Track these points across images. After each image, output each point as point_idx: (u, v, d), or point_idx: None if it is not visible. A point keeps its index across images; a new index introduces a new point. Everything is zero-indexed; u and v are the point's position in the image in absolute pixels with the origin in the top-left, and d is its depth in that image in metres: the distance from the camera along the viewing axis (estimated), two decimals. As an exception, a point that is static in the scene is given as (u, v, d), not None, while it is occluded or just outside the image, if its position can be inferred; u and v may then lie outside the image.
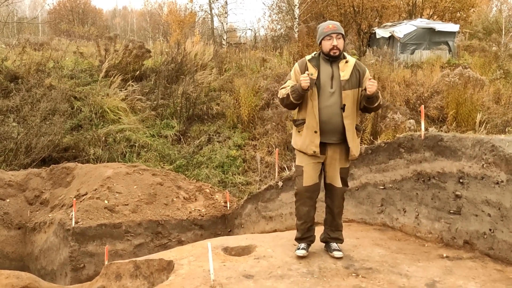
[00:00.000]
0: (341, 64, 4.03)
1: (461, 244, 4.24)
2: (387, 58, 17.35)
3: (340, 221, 4.23)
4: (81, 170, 8.36)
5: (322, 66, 4.06)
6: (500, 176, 3.89)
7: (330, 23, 4.09)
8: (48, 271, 7.23)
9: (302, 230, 4.23)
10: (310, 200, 4.15)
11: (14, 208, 7.99)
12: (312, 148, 4.02)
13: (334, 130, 4.01)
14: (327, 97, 3.99)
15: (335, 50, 3.99)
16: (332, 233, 4.24)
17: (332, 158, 4.08)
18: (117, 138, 11.92)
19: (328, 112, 3.98)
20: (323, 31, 4.05)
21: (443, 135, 4.49)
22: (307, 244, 4.26)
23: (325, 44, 4.02)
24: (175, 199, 7.71)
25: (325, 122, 3.99)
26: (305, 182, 4.10)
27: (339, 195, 4.16)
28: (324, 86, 4.01)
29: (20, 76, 13.55)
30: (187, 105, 13.56)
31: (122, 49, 15.66)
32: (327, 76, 4.02)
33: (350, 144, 4.01)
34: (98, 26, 39.18)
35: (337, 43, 3.97)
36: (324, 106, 3.98)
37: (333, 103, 3.99)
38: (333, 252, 4.16)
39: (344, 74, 4.00)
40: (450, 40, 20.70)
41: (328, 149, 4.06)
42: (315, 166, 4.09)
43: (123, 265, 4.88)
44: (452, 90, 12.02)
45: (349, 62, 4.05)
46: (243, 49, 20.98)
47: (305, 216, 4.17)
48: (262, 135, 12.49)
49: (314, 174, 4.10)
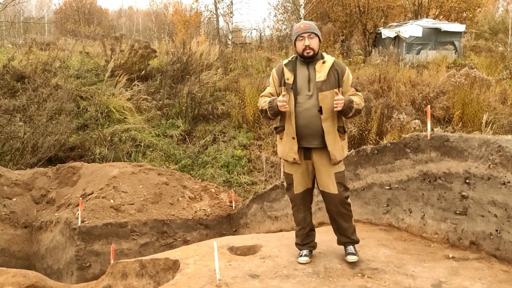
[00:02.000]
0: (317, 65, 3.90)
1: (467, 245, 4.22)
2: (392, 58, 17.32)
3: (346, 223, 4.03)
4: (87, 169, 8.39)
5: (299, 69, 3.94)
6: (507, 176, 3.88)
7: (302, 22, 4.01)
8: (54, 270, 7.27)
9: (301, 236, 4.17)
10: (304, 206, 4.10)
11: (21, 207, 8.03)
12: (292, 155, 3.94)
13: (314, 134, 3.88)
14: (304, 101, 3.87)
15: (308, 50, 3.87)
16: (342, 238, 4.10)
17: (320, 164, 3.93)
18: (123, 137, 11.95)
19: (306, 115, 3.86)
20: (295, 31, 3.97)
21: (449, 135, 4.47)
22: (309, 250, 4.18)
23: (298, 45, 3.92)
24: (180, 198, 7.73)
25: (304, 126, 3.87)
26: (296, 190, 4.05)
27: (336, 202, 3.95)
28: (301, 89, 3.90)
29: (27, 76, 13.62)
30: (193, 105, 13.58)
31: (127, 49, 15.71)
32: (304, 79, 3.91)
33: (329, 148, 3.85)
34: (104, 26, 39.36)
35: (309, 43, 3.86)
36: (302, 110, 3.87)
37: (311, 106, 3.86)
38: (347, 256, 4.01)
39: (320, 75, 3.86)
40: (456, 40, 20.66)
41: (313, 154, 3.94)
42: (304, 172, 4.00)
43: (129, 264, 4.89)
44: (458, 91, 11.98)
45: (327, 62, 3.91)
46: (248, 49, 20.99)
47: (301, 222, 4.13)
48: (268, 135, 12.49)
49: (303, 180, 4.02)
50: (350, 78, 3.96)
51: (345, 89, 3.92)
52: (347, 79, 3.93)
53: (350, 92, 3.92)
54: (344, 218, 4.01)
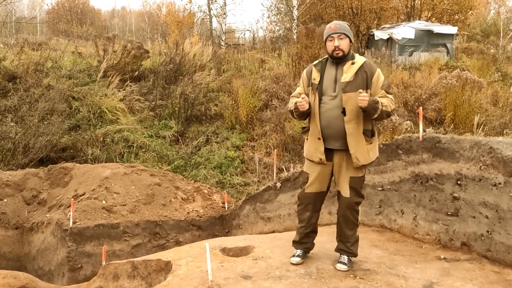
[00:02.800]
0: (346, 66, 3.84)
1: (459, 246, 4.25)
2: (385, 60, 17.39)
3: (348, 232, 3.95)
4: (79, 170, 8.34)
5: (327, 69, 3.91)
6: (498, 178, 3.90)
7: (333, 23, 3.95)
8: (46, 271, 7.22)
9: (301, 234, 4.14)
10: (313, 207, 4.04)
11: (12, 208, 7.97)
12: (318, 156, 3.89)
13: (335, 135, 3.82)
14: (328, 101, 3.83)
15: (338, 51, 3.82)
16: (340, 244, 4.04)
17: (339, 165, 3.89)
18: (115, 138, 11.91)
19: (328, 116, 3.82)
20: (325, 32, 3.92)
21: (441, 136, 4.49)
22: (303, 251, 4.16)
23: (328, 45, 3.88)
24: (173, 199, 7.70)
25: (326, 127, 3.83)
26: (308, 189, 4.00)
27: (345, 205, 3.90)
28: (327, 90, 3.85)
29: (18, 76, 13.53)
30: (186, 106, 13.56)
31: (120, 49, 15.67)
32: (330, 80, 3.86)
33: (351, 150, 3.77)
34: (97, 26, 39.21)
35: (339, 44, 3.81)
36: (325, 110, 3.82)
37: (334, 106, 3.81)
38: (337, 264, 3.98)
39: (346, 76, 3.80)
40: (448, 42, 20.78)
41: (335, 156, 3.89)
42: (321, 174, 3.95)
43: (121, 265, 4.87)
44: (450, 92, 12.04)
45: (356, 64, 3.84)
46: (241, 50, 21.00)
47: (305, 221, 4.07)
48: (261, 136, 12.49)
49: (318, 183, 3.96)
50: (380, 80, 3.85)
51: (374, 91, 3.83)
52: (376, 81, 3.84)
53: (379, 94, 3.83)
54: (348, 224, 3.95)
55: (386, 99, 3.79)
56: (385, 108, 3.73)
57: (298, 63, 15.42)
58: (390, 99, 3.83)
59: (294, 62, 15.64)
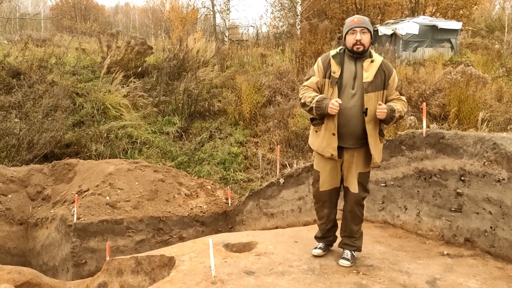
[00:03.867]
0: (365, 63, 3.76)
1: (462, 242, 4.24)
2: (389, 55, 17.31)
3: (355, 227, 3.97)
4: (83, 166, 8.37)
5: (346, 64, 3.81)
6: (502, 174, 3.89)
7: (356, 17, 3.87)
8: (50, 266, 7.26)
9: (323, 230, 4.15)
10: (330, 204, 4.02)
11: (16, 204, 8.01)
12: (330, 151, 3.82)
13: (352, 134, 3.77)
14: (348, 99, 3.74)
15: (359, 45, 3.73)
16: (345, 239, 4.05)
17: (349, 162, 3.86)
18: (119, 134, 11.93)
19: (347, 114, 3.73)
20: (347, 24, 3.83)
21: (445, 132, 4.48)
22: (326, 244, 4.17)
23: (349, 39, 3.78)
24: (176, 195, 7.72)
25: (343, 125, 3.75)
26: (322, 187, 3.97)
27: (353, 201, 3.89)
28: (346, 86, 3.76)
29: (22, 72, 13.56)
30: (189, 102, 13.56)
31: (124, 45, 15.67)
32: (350, 76, 3.77)
33: (372, 151, 3.75)
34: (100, 22, 39.20)
35: (361, 38, 3.73)
36: (344, 108, 3.71)
37: (353, 105, 3.73)
38: (340, 259, 3.98)
39: (368, 75, 3.73)
40: (453, 37, 20.67)
41: (345, 153, 3.85)
42: (332, 171, 3.92)
43: (125, 261, 4.89)
44: (454, 88, 11.98)
45: (375, 62, 3.78)
46: (245, 46, 20.97)
47: (325, 217, 4.07)
48: (264, 132, 12.48)
49: (331, 179, 3.94)
50: (396, 81, 3.83)
51: (389, 92, 3.81)
52: (392, 82, 3.81)
53: (393, 95, 3.81)
54: (354, 219, 3.96)
55: (400, 103, 3.80)
56: (399, 114, 3.75)
57: (302, 59, 15.37)
58: (403, 102, 3.84)
59: (298, 58, 15.59)
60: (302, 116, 11.61)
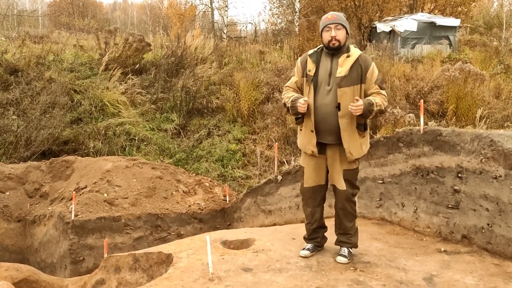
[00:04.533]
0: (341, 59, 3.78)
1: (459, 239, 4.25)
2: (387, 52, 17.32)
3: (348, 224, 3.97)
4: (81, 163, 8.36)
5: (323, 61, 3.85)
6: (499, 170, 3.90)
7: (330, 13, 3.89)
8: (48, 263, 7.26)
9: (308, 230, 4.16)
10: (313, 201, 4.05)
11: (14, 201, 8.01)
12: (310, 148, 3.90)
13: (329, 130, 3.80)
14: (323, 95, 3.79)
15: (334, 42, 3.76)
16: (340, 236, 4.06)
17: (333, 159, 3.88)
18: (117, 131, 11.91)
19: (323, 111, 3.79)
20: (322, 22, 3.87)
21: (442, 129, 4.49)
22: (313, 245, 4.16)
23: (324, 36, 3.82)
24: (174, 192, 7.72)
25: (320, 122, 3.81)
26: (306, 183, 4.03)
27: (342, 198, 3.90)
28: (321, 83, 3.81)
29: (20, 69, 13.52)
30: (187, 99, 13.54)
31: (122, 42, 15.64)
32: (326, 73, 3.81)
33: (345, 145, 3.76)
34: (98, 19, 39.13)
35: (335, 34, 3.75)
36: (320, 105, 3.79)
37: (329, 101, 3.77)
38: (338, 256, 3.99)
39: (341, 70, 3.74)
40: (451, 34, 20.66)
41: (328, 150, 3.88)
42: (316, 167, 3.95)
43: (122, 258, 4.89)
44: (452, 85, 11.99)
45: (351, 57, 3.77)
46: (243, 43, 20.93)
47: (309, 216, 4.09)
48: (262, 129, 12.48)
49: (314, 175, 3.97)
50: (374, 74, 3.80)
51: (367, 86, 3.79)
52: (370, 75, 3.78)
53: (373, 89, 3.78)
54: (347, 216, 3.96)
55: (379, 97, 3.75)
56: (379, 108, 3.69)
57: (300, 56, 15.36)
58: (383, 96, 3.79)
59: (296, 55, 15.58)
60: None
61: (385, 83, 12.01)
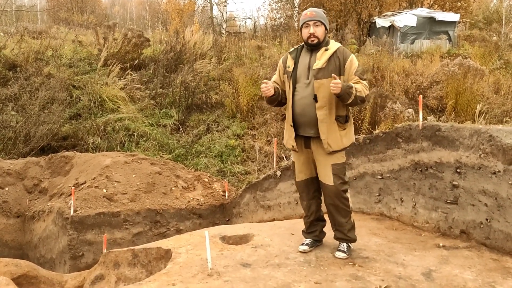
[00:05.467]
0: (319, 53, 3.84)
1: (458, 234, 4.26)
2: (386, 47, 17.28)
3: (342, 219, 3.94)
4: (80, 159, 8.36)
5: (302, 57, 3.92)
6: (497, 166, 3.90)
7: (309, 10, 3.95)
8: (47, 259, 7.27)
9: (306, 223, 4.19)
10: (307, 194, 4.08)
11: (13, 197, 8.01)
12: (290, 143, 3.97)
13: (308, 122, 3.84)
14: (302, 89, 3.85)
15: (313, 38, 3.83)
16: (337, 232, 4.04)
17: (318, 153, 3.89)
18: (116, 127, 11.90)
19: (302, 103, 3.84)
20: (301, 18, 3.93)
21: (441, 125, 4.48)
22: (312, 240, 4.16)
23: (304, 32, 3.88)
24: (173, 188, 7.72)
25: (300, 115, 3.86)
26: (298, 178, 4.09)
27: (332, 194, 3.86)
28: (300, 77, 3.87)
29: (19, 65, 13.49)
30: (186, 94, 13.52)
31: (121, 38, 15.59)
32: (304, 67, 3.87)
33: (322, 136, 3.77)
34: (97, 14, 39.01)
35: (314, 31, 3.81)
36: (299, 98, 3.85)
37: (307, 94, 3.82)
38: (336, 252, 3.99)
39: (318, 63, 3.79)
40: (451, 29, 20.63)
41: (312, 144, 3.90)
42: (305, 161, 3.99)
43: (122, 253, 4.90)
44: (451, 80, 11.98)
45: (329, 50, 3.82)
46: (242, 38, 20.88)
47: (305, 209, 4.14)
48: (261, 125, 12.47)
49: (305, 168, 4.02)
50: (354, 66, 3.80)
51: (347, 77, 3.79)
52: (349, 67, 3.79)
53: (353, 80, 3.77)
54: (340, 212, 3.93)
55: (360, 85, 3.73)
56: (359, 94, 3.67)
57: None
58: (364, 85, 3.76)
59: (295, 50, 15.52)
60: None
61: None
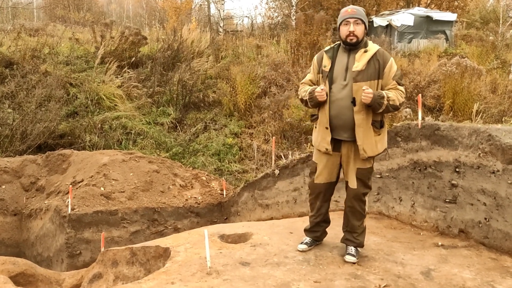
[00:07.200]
0: (358, 54, 3.70)
1: (456, 233, 4.26)
2: (384, 47, 17.29)
3: (356, 222, 3.90)
4: (77, 157, 8.33)
5: (339, 56, 3.78)
6: (496, 165, 3.90)
7: (350, 7, 3.79)
8: (44, 257, 7.24)
9: (312, 223, 4.14)
10: (323, 197, 4.01)
11: (10, 195, 7.98)
12: (324, 146, 3.82)
13: (344, 125, 3.72)
14: (339, 90, 3.71)
15: (352, 37, 3.68)
16: (347, 234, 4.00)
17: (347, 156, 3.81)
18: (113, 125, 11.87)
19: (338, 106, 3.71)
20: (341, 15, 3.76)
21: (440, 124, 4.49)
22: (312, 239, 4.15)
23: (342, 30, 3.73)
24: (171, 186, 7.71)
25: (335, 117, 3.73)
26: (317, 179, 3.96)
27: (351, 196, 3.84)
28: (337, 78, 3.73)
29: (15, 62, 13.43)
30: (184, 93, 13.50)
31: (118, 35, 15.55)
32: (342, 68, 3.74)
33: (359, 142, 3.67)
34: (94, 12, 38.85)
35: (354, 29, 3.67)
36: (335, 100, 3.71)
37: (344, 96, 3.68)
38: (346, 256, 3.91)
39: (358, 65, 3.66)
40: (448, 29, 20.68)
41: (343, 147, 3.80)
42: (329, 165, 3.89)
43: (120, 252, 4.88)
44: (449, 80, 12.00)
45: (369, 52, 3.69)
46: (240, 37, 20.86)
47: (315, 210, 4.06)
48: (259, 123, 12.47)
49: (326, 172, 3.91)
50: (393, 70, 3.70)
51: (385, 81, 3.70)
52: (388, 71, 3.69)
53: (390, 85, 3.68)
54: (355, 215, 3.90)
55: (394, 92, 3.65)
56: (392, 103, 3.60)
57: (297, 50, 15.32)
58: (400, 92, 3.68)
59: (293, 49, 15.53)
60: (297, 107, 11.60)
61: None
